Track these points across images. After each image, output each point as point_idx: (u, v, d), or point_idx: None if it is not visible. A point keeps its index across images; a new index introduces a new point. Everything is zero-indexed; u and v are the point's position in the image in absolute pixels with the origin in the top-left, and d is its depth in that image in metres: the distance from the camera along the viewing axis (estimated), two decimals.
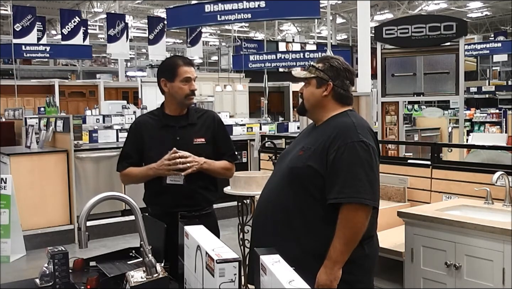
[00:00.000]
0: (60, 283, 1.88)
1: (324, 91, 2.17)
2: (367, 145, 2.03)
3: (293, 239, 2.06)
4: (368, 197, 1.99)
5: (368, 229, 2.07)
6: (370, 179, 2.01)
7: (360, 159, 2.01)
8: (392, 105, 6.36)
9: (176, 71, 2.58)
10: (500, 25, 24.64)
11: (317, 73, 2.18)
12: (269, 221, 2.13)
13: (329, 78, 2.16)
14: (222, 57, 23.38)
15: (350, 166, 1.99)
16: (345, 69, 2.19)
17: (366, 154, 2.02)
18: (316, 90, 2.18)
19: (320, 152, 2.05)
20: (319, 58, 2.28)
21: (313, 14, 9.14)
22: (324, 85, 2.17)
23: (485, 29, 25.09)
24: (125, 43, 15.22)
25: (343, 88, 2.19)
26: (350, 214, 1.98)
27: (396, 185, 3.72)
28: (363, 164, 2.00)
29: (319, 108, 2.20)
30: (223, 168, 2.67)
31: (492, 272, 2.54)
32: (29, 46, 13.55)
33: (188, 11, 9.49)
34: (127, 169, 2.64)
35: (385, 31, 6.16)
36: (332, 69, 2.17)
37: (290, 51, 16.61)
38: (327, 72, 2.17)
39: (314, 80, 2.19)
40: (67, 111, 15.83)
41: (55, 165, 6.11)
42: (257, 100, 17.84)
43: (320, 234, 2.05)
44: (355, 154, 2.00)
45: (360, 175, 1.99)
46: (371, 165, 2.03)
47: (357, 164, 2.00)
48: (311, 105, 2.21)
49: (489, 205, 3.03)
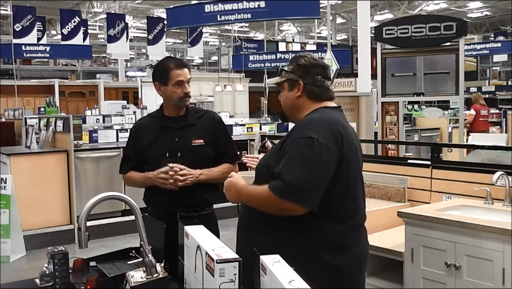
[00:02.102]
0: (60, 283, 1.88)
1: (297, 92, 2.10)
2: (313, 141, 1.89)
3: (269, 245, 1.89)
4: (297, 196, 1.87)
5: (336, 237, 1.96)
6: (305, 176, 1.87)
7: (300, 154, 1.89)
8: (392, 105, 6.36)
9: (169, 75, 2.57)
10: (500, 25, 24.65)
11: (287, 75, 2.12)
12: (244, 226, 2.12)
13: (299, 77, 2.10)
14: (222, 57, 23.41)
15: (287, 160, 1.90)
16: (313, 65, 2.11)
17: (309, 150, 1.88)
18: (289, 93, 2.12)
19: (278, 150, 2.01)
20: (289, 60, 2.21)
21: (313, 14, 9.16)
22: (295, 86, 2.10)
23: (485, 29, 25.10)
24: (125, 43, 15.23)
25: (315, 84, 2.09)
26: (272, 199, 1.88)
27: (396, 185, 3.72)
28: (300, 160, 1.89)
29: (296, 110, 2.13)
30: (223, 173, 2.60)
31: (492, 272, 2.54)
32: (29, 46, 13.57)
33: (188, 11, 9.50)
34: (128, 173, 2.69)
35: (385, 31, 6.16)
36: (300, 68, 2.11)
37: (290, 51, 16.65)
38: (295, 73, 2.11)
39: (286, 84, 2.13)
40: (67, 111, 15.85)
41: (55, 165, 6.11)
42: (257, 100, 17.86)
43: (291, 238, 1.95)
44: (297, 150, 1.90)
45: (293, 170, 1.87)
46: (313, 162, 1.87)
47: (294, 159, 1.90)
48: (288, 109, 2.16)
49: (489, 205, 3.03)
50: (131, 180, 2.69)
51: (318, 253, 1.93)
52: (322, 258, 1.93)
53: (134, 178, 2.66)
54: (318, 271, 1.86)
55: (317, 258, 1.93)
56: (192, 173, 2.51)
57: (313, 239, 1.94)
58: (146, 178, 2.58)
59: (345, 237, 1.98)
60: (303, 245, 1.93)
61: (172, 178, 2.47)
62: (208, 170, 2.59)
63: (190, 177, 2.50)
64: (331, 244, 1.96)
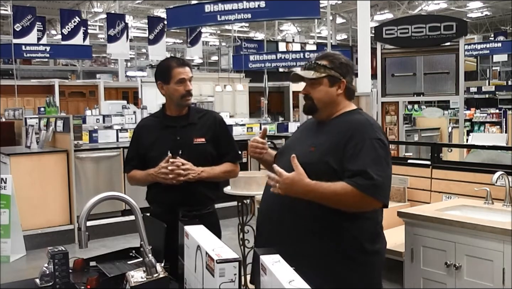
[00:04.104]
0: (60, 283, 1.88)
1: (337, 89, 2.15)
2: (384, 143, 2.03)
3: (315, 237, 2.03)
4: (382, 194, 1.98)
5: (376, 226, 2.12)
6: (387, 175, 2.01)
7: (379, 155, 1.99)
8: (392, 105, 6.37)
9: (170, 74, 2.61)
10: (500, 25, 24.63)
11: (328, 71, 2.14)
12: (283, 220, 2.08)
13: (341, 75, 2.14)
14: (222, 57, 23.40)
15: (369, 160, 1.97)
16: (351, 66, 2.21)
17: (383, 151, 2.01)
18: (330, 89, 2.14)
19: (336, 148, 2.02)
20: (320, 55, 2.22)
21: (313, 14, 9.15)
22: (337, 83, 2.14)
23: (485, 29, 25.08)
24: (125, 43, 15.22)
25: (351, 84, 2.20)
26: (356, 196, 1.94)
27: (396, 185, 3.72)
28: (381, 161, 1.99)
29: (332, 106, 2.17)
30: (224, 172, 2.67)
31: (492, 272, 2.54)
32: (29, 46, 13.54)
33: (188, 11, 9.50)
34: (132, 172, 2.73)
35: (385, 31, 6.16)
36: (343, 66, 2.16)
37: (290, 51, 16.62)
38: (337, 70, 2.14)
39: (325, 80, 2.14)
40: (67, 111, 15.82)
41: (55, 165, 6.11)
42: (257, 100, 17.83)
43: (339, 230, 2.02)
44: (374, 150, 1.99)
45: (378, 170, 1.96)
46: (388, 162, 2.03)
47: (375, 159, 1.98)
48: (324, 104, 2.16)
49: (489, 205, 3.04)
50: (134, 178, 2.72)
51: (361, 241, 2.05)
52: (364, 246, 2.06)
53: (136, 176, 2.70)
54: (360, 257, 2.04)
55: (361, 245, 2.05)
56: (194, 169, 2.53)
57: (360, 228, 2.06)
58: (148, 174, 2.59)
59: (380, 225, 2.16)
60: (350, 233, 2.04)
61: (172, 173, 2.48)
62: (210, 168, 2.61)
63: (192, 172, 2.51)
64: (373, 232, 2.11)
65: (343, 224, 2.03)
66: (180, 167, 2.49)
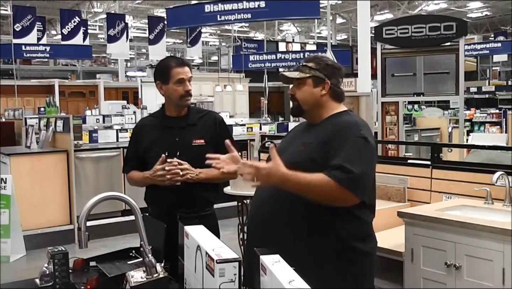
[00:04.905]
0: (60, 283, 1.88)
1: (322, 90, 2.18)
2: (367, 141, 2.05)
3: (305, 238, 2.05)
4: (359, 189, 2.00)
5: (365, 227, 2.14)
6: (366, 171, 2.02)
7: (360, 152, 2.01)
8: (392, 105, 6.36)
9: (170, 74, 2.58)
10: (500, 25, 24.62)
11: (313, 72, 2.18)
12: (274, 220, 2.10)
13: (325, 76, 2.18)
14: (222, 57, 23.38)
15: (348, 155, 1.99)
16: (338, 68, 2.24)
17: (365, 149, 2.03)
18: (314, 89, 2.18)
19: (322, 145, 2.06)
20: (308, 58, 2.30)
21: (313, 14, 9.16)
22: (321, 84, 2.18)
23: (485, 29, 25.08)
24: (125, 43, 15.22)
25: (337, 86, 2.22)
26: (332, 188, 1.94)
27: (396, 185, 3.72)
28: (361, 157, 2.01)
29: (318, 107, 2.20)
30: (223, 173, 2.52)
31: (492, 272, 2.54)
32: (29, 46, 13.55)
33: (188, 11, 9.51)
34: (130, 173, 2.71)
35: (385, 31, 6.16)
36: (328, 67, 2.20)
37: (290, 51, 16.63)
38: (322, 71, 2.18)
39: (309, 80, 2.19)
40: (67, 111, 15.83)
41: (55, 165, 6.11)
42: (257, 100, 17.85)
43: (329, 230, 2.05)
44: (355, 147, 2.01)
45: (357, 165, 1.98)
46: (370, 159, 2.06)
47: (355, 154, 2.00)
48: (309, 105, 2.20)
49: (489, 205, 3.03)
50: (133, 179, 2.71)
51: (351, 241, 2.08)
52: (354, 246, 2.08)
53: (134, 177, 2.68)
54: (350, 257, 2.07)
55: (351, 245, 2.08)
56: (192, 170, 2.51)
57: (349, 228, 2.08)
58: (145, 177, 2.58)
59: (371, 226, 2.18)
60: (340, 233, 2.06)
61: (170, 173, 2.47)
62: (208, 169, 2.58)
63: (190, 172, 2.50)
64: (363, 232, 2.14)
65: (332, 224, 2.05)
66: (177, 166, 2.48)
